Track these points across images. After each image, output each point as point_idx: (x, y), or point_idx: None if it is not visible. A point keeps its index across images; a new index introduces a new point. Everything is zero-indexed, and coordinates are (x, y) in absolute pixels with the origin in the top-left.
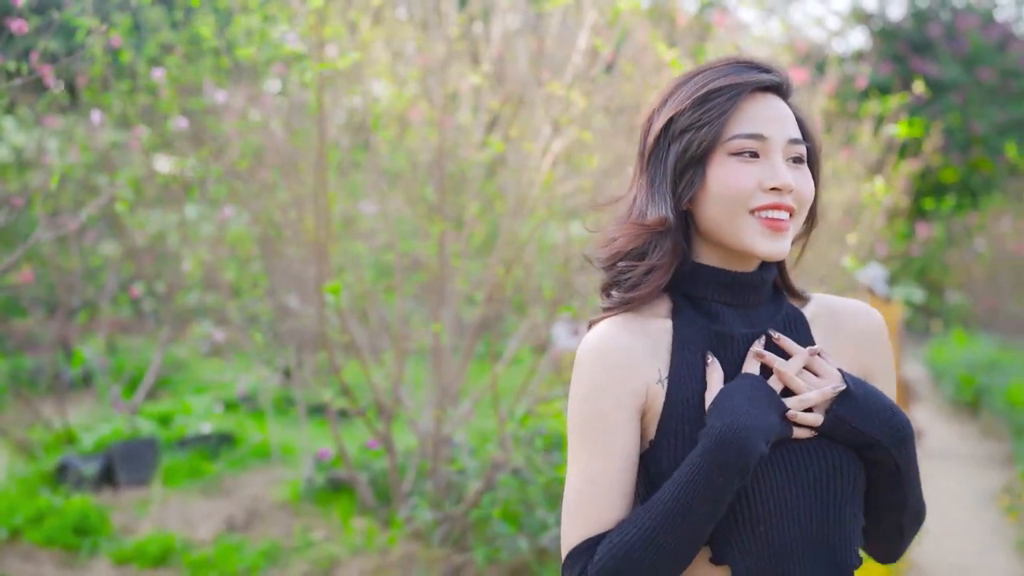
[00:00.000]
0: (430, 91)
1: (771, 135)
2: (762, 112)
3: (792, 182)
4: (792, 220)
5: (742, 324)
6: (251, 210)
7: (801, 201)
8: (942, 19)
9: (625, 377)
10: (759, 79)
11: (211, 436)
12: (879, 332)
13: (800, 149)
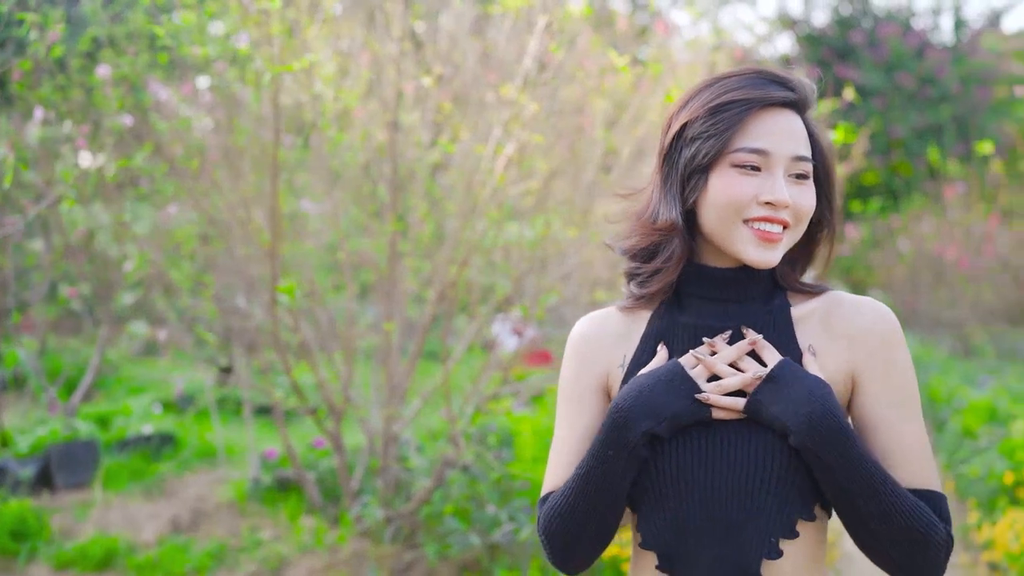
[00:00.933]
0: (382, 91)
1: (774, 151)
2: (770, 127)
3: (788, 198)
4: (788, 232)
5: (717, 318)
6: (198, 209)
7: (798, 216)
8: (864, 27)
9: (591, 359)
10: (771, 96)
11: (152, 437)
12: (878, 333)
13: (804, 166)
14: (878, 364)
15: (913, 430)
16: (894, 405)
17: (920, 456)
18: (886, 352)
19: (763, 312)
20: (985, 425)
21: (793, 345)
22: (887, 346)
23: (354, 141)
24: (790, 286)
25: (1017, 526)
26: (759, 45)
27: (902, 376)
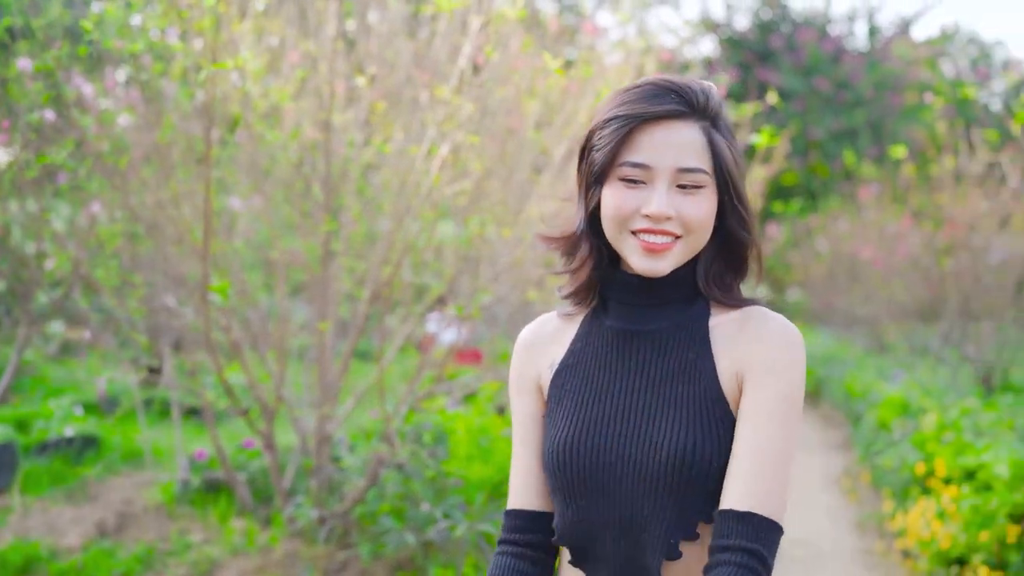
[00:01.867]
0: (315, 89)
1: (655, 164)
2: (654, 141)
3: (667, 210)
4: (681, 242)
5: (635, 322)
6: (125, 206)
7: (688, 226)
8: (783, 31)
9: (526, 362)
10: (653, 111)
11: (74, 440)
12: (768, 333)
13: (693, 177)
14: (760, 359)
15: (764, 444)
16: (761, 414)
17: (756, 473)
18: (770, 350)
19: (681, 317)
20: (898, 418)
21: (707, 351)
22: (771, 345)
23: (285, 139)
24: (712, 296)
25: (928, 514)
26: (683, 48)
27: (783, 381)
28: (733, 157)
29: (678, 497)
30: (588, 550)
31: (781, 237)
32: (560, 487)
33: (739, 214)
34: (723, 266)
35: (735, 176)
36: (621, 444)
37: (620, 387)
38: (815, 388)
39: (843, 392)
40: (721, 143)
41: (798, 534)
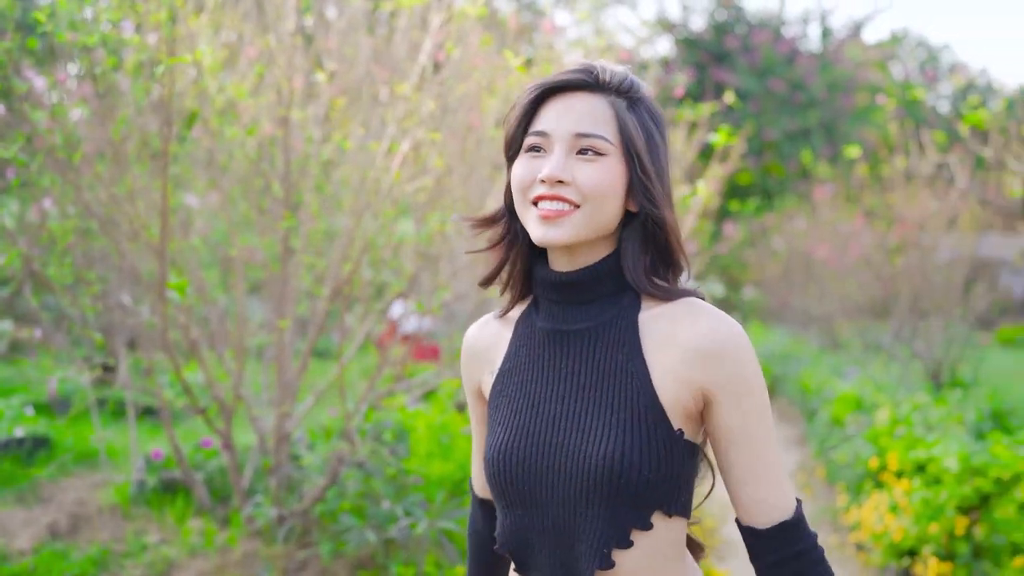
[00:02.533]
0: (274, 85)
1: (553, 130)
2: (554, 110)
3: (560, 172)
4: (580, 211)
5: (565, 321)
6: (79, 203)
7: (583, 192)
8: (738, 32)
9: (469, 368)
10: (556, 81)
11: (25, 440)
12: (718, 349)
13: (589, 142)
14: (723, 380)
15: (769, 451)
16: (752, 424)
17: (773, 481)
18: (728, 368)
19: (609, 314)
20: (852, 414)
21: (637, 351)
22: (728, 361)
23: (243, 135)
24: (640, 287)
25: (881, 508)
26: (640, 47)
27: (756, 395)
28: (647, 136)
29: (609, 507)
30: (527, 558)
31: (738, 236)
32: (497, 495)
33: (649, 192)
34: (650, 254)
35: (643, 151)
36: (551, 453)
37: (552, 392)
38: (771, 385)
39: (798, 389)
40: (631, 118)
41: None
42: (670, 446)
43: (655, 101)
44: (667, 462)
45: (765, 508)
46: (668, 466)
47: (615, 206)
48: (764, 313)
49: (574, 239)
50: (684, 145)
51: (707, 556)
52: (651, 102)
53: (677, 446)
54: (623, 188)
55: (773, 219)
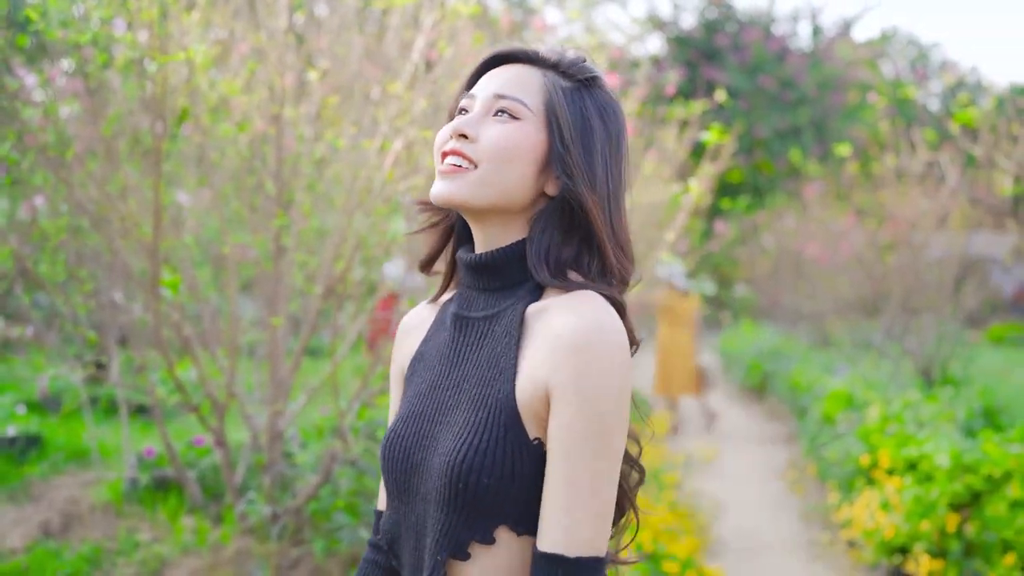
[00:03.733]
0: (266, 82)
1: (478, 92)
2: (487, 77)
3: (464, 127)
4: (477, 170)
5: (470, 307)
6: (71, 200)
7: (484, 151)
8: (728, 30)
9: (398, 351)
10: (494, 53)
11: (16, 439)
12: (568, 344)
13: (507, 104)
14: (560, 377)
15: (573, 476)
16: (573, 439)
17: (568, 507)
18: (569, 366)
19: (507, 303)
20: (843, 411)
21: (512, 347)
22: (571, 360)
23: (235, 133)
24: (537, 275)
25: (872, 505)
26: (630, 45)
27: (590, 407)
28: (580, 116)
29: (448, 512)
30: (397, 552)
31: (729, 234)
32: (384, 483)
33: (568, 167)
34: (574, 244)
35: (568, 125)
36: (422, 447)
37: (441, 382)
38: (760, 382)
39: (788, 386)
40: (566, 97)
41: (743, 525)
42: (521, 454)
43: (612, 97)
44: (514, 472)
45: (550, 528)
46: (516, 477)
47: (519, 174)
48: (755, 311)
49: (467, 199)
50: (675, 143)
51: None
52: (605, 94)
53: (531, 456)
54: (535, 158)
55: (764, 217)
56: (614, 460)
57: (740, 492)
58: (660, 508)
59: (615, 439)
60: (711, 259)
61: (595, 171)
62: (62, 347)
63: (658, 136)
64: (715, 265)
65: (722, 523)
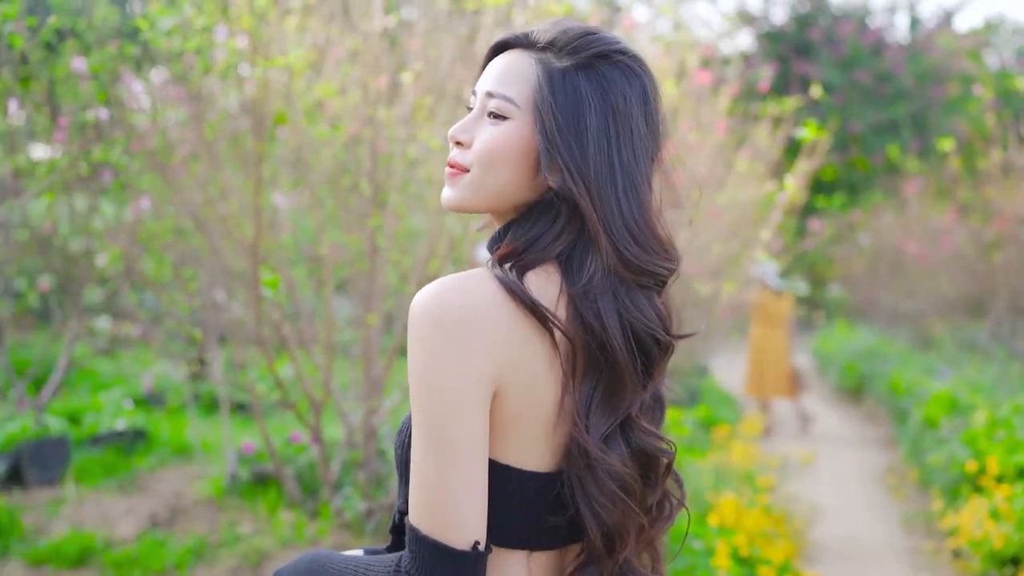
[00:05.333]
0: (364, 84)
1: (477, 90)
2: (487, 69)
3: (456, 133)
4: (468, 175)
5: None
6: (177, 202)
7: (471, 157)
8: (821, 24)
9: None
10: (494, 43)
11: (125, 433)
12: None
13: (495, 104)
14: None
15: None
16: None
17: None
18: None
19: None
20: (946, 415)
21: None
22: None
23: (330, 135)
24: (491, 253)
25: (980, 513)
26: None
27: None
28: (573, 100)
29: (399, 482)
30: None
31: (824, 232)
32: None
33: (552, 161)
34: (568, 237)
35: (553, 114)
36: None
37: None
38: (857, 384)
39: (887, 389)
40: (556, 80)
41: (841, 531)
42: None
43: (628, 70)
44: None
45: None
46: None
47: (510, 174)
48: (849, 311)
49: (462, 203)
50: (768, 140)
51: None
52: (613, 69)
53: None
54: (525, 157)
55: (859, 215)
56: (429, 435)
57: (837, 496)
58: (754, 511)
59: (423, 412)
60: (805, 258)
61: (587, 161)
62: (166, 345)
63: (751, 133)
64: (809, 264)
65: (819, 528)
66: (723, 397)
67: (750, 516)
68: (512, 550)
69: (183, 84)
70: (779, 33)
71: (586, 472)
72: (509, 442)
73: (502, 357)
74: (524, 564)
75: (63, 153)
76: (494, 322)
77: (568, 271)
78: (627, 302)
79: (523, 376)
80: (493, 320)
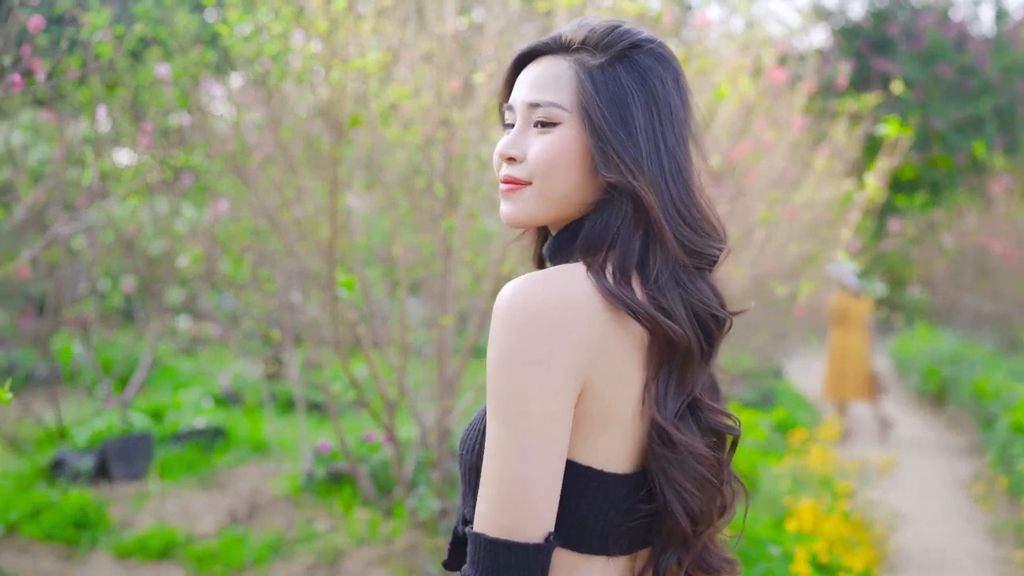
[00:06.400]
0: (437, 86)
1: (515, 103)
2: (520, 81)
3: (508, 149)
4: (531, 187)
5: None
6: (254, 204)
7: (531, 169)
8: (900, 18)
9: None
10: (519, 51)
11: (205, 431)
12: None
13: (543, 112)
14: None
15: (489, 446)
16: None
17: (486, 482)
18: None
19: None
20: None
21: None
22: (491, 336)
23: (405, 137)
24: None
25: None
26: (794, 38)
27: (490, 376)
28: (617, 95)
29: (464, 485)
30: None
31: (906, 232)
32: None
33: (608, 159)
34: (640, 233)
35: (601, 113)
36: None
37: None
38: (939, 389)
39: (971, 394)
40: (598, 78)
41: (925, 539)
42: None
43: (660, 56)
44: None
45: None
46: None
47: (572, 178)
48: (930, 313)
49: (530, 217)
50: (846, 138)
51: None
52: (648, 57)
53: None
54: (582, 159)
55: (941, 215)
56: (509, 429)
57: (920, 504)
58: (833, 517)
59: (505, 405)
60: (884, 259)
61: (639, 152)
62: (244, 345)
63: (829, 131)
64: (888, 265)
65: (901, 535)
66: (799, 400)
67: (829, 522)
68: (592, 556)
69: (260, 88)
70: (856, 28)
71: (672, 460)
72: (592, 443)
73: (590, 354)
74: (602, 570)
75: (147, 157)
76: (584, 318)
77: (642, 264)
78: (688, 285)
79: (610, 372)
80: (583, 316)
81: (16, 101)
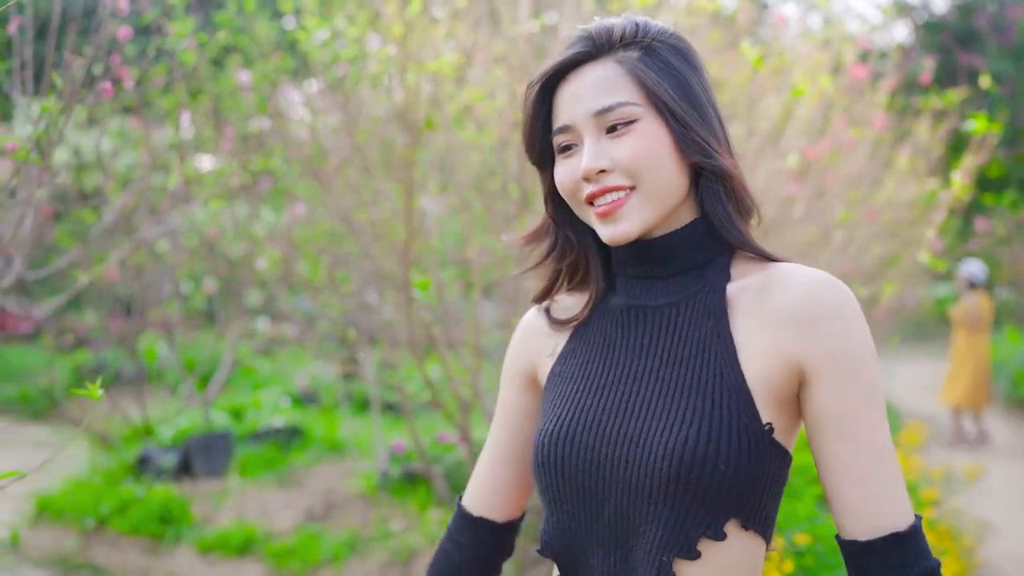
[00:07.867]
0: (511, 88)
1: (574, 120)
2: (567, 98)
3: (597, 162)
4: (636, 192)
5: (646, 296)
6: (332, 207)
7: (629, 170)
8: (989, 10)
9: (519, 351)
10: (554, 66)
11: (282, 430)
12: (814, 314)
13: (616, 115)
14: (831, 355)
15: (876, 443)
16: (856, 408)
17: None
18: (839, 338)
19: (696, 287)
20: None
21: (724, 327)
22: (840, 331)
23: (479, 139)
24: (741, 245)
25: None
26: (874, 34)
27: (861, 372)
28: (675, 79)
29: (675, 507)
30: (574, 563)
31: (995, 232)
32: (544, 488)
33: (694, 142)
34: (725, 206)
35: (674, 99)
36: (614, 441)
37: (621, 375)
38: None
39: None
40: (651, 67)
41: (1017, 551)
42: (753, 440)
43: (675, 34)
44: (748, 459)
45: (870, 514)
46: (749, 464)
47: (671, 170)
48: (1020, 315)
49: (645, 224)
50: (930, 136)
51: None
52: (668, 37)
53: (761, 442)
54: (670, 148)
55: None
56: (882, 412)
57: (1010, 513)
58: None
59: (880, 399)
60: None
61: (711, 125)
62: (320, 345)
63: (912, 129)
64: None
65: (989, 546)
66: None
67: None
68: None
69: (337, 92)
70: (940, 22)
71: None
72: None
73: None
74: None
75: (228, 162)
76: None
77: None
78: None
79: None
80: None
81: (106, 108)
